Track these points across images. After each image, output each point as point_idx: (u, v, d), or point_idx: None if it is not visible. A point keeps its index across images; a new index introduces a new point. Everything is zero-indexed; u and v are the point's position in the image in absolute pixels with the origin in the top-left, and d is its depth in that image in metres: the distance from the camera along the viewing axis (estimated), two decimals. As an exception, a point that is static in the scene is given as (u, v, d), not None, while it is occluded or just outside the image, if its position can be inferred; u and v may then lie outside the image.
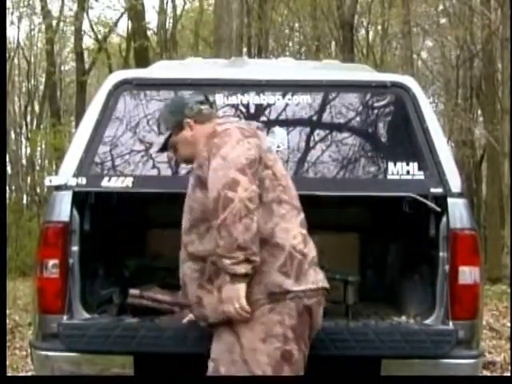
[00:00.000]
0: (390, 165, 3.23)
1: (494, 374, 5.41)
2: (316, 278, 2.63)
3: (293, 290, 2.56)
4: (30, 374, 5.21)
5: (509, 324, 7.49)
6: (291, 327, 2.54)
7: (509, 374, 5.35)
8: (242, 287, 2.49)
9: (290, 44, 23.48)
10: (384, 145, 3.32)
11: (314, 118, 3.37)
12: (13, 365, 5.60)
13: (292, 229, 2.62)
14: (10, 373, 5.23)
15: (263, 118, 3.36)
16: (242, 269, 2.46)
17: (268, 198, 2.61)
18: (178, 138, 2.81)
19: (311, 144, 3.31)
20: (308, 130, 3.34)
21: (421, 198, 3.12)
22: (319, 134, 3.34)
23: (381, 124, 3.36)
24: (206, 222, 2.59)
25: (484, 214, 19.52)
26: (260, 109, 3.37)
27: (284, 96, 3.37)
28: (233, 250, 2.44)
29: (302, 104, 3.37)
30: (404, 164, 3.22)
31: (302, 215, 2.71)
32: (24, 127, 24.39)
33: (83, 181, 3.14)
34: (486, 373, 5.27)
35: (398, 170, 3.22)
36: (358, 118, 3.37)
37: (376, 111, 3.38)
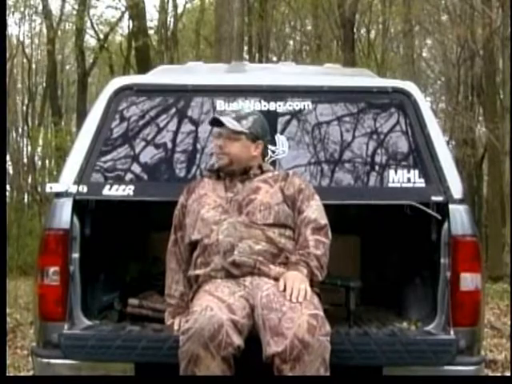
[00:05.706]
0: (391, 172, 3.22)
1: (496, 373, 5.42)
2: None
3: None
4: (31, 373, 5.20)
5: (510, 322, 7.49)
6: None
7: (509, 374, 5.34)
8: None
9: (291, 43, 23.48)
10: (385, 151, 3.28)
11: (315, 124, 3.35)
12: (14, 364, 5.60)
13: None
14: (11, 372, 5.25)
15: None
16: None
17: None
18: (242, 143, 3.03)
19: (312, 151, 3.30)
20: (309, 136, 3.32)
21: (421, 207, 3.12)
22: (320, 140, 3.31)
23: (382, 130, 3.32)
24: None
25: (485, 213, 19.57)
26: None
27: (285, 102, 3.36)
28: None
29: (302, 110, 3.35)
30: (405, 171, 3.21)
31: None
32: (25, 126, 24.37)
33: (84, 189, 3.12)
34: (488, 371, 5.25)
35: (399, 178, 3.20)
36: (358, 124, 3.34)
37: (377, 117, 3.35)
